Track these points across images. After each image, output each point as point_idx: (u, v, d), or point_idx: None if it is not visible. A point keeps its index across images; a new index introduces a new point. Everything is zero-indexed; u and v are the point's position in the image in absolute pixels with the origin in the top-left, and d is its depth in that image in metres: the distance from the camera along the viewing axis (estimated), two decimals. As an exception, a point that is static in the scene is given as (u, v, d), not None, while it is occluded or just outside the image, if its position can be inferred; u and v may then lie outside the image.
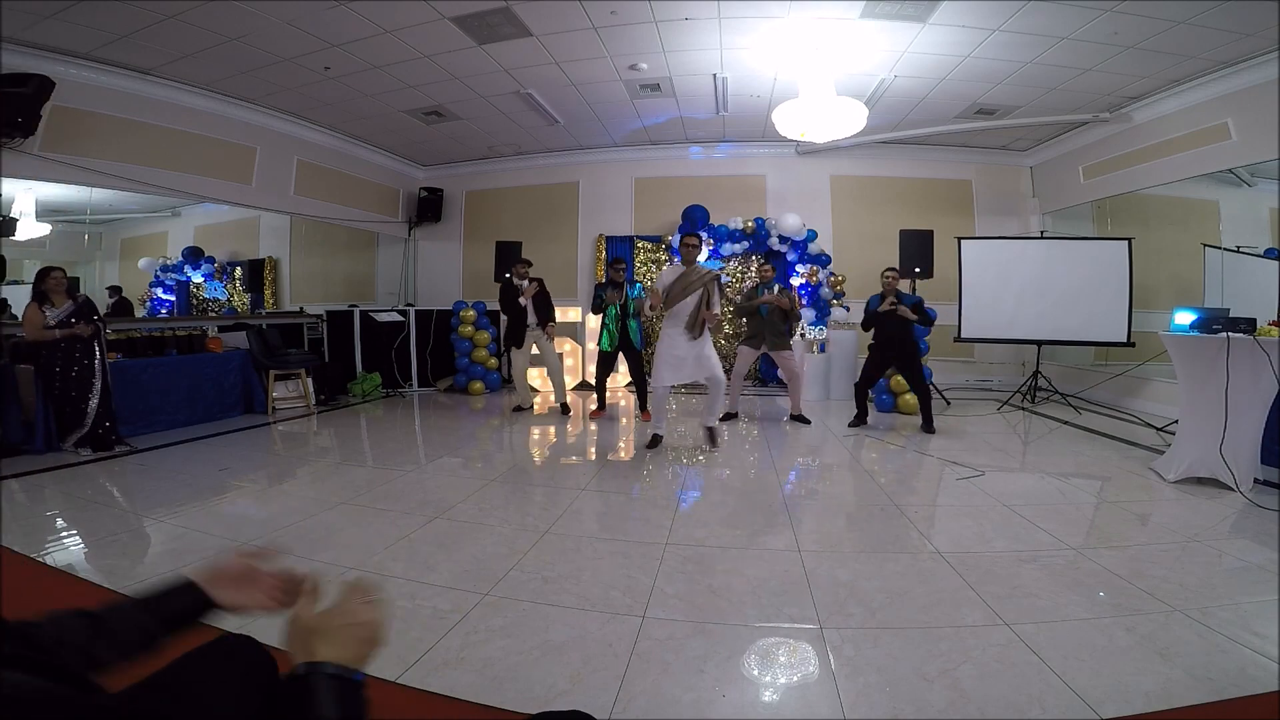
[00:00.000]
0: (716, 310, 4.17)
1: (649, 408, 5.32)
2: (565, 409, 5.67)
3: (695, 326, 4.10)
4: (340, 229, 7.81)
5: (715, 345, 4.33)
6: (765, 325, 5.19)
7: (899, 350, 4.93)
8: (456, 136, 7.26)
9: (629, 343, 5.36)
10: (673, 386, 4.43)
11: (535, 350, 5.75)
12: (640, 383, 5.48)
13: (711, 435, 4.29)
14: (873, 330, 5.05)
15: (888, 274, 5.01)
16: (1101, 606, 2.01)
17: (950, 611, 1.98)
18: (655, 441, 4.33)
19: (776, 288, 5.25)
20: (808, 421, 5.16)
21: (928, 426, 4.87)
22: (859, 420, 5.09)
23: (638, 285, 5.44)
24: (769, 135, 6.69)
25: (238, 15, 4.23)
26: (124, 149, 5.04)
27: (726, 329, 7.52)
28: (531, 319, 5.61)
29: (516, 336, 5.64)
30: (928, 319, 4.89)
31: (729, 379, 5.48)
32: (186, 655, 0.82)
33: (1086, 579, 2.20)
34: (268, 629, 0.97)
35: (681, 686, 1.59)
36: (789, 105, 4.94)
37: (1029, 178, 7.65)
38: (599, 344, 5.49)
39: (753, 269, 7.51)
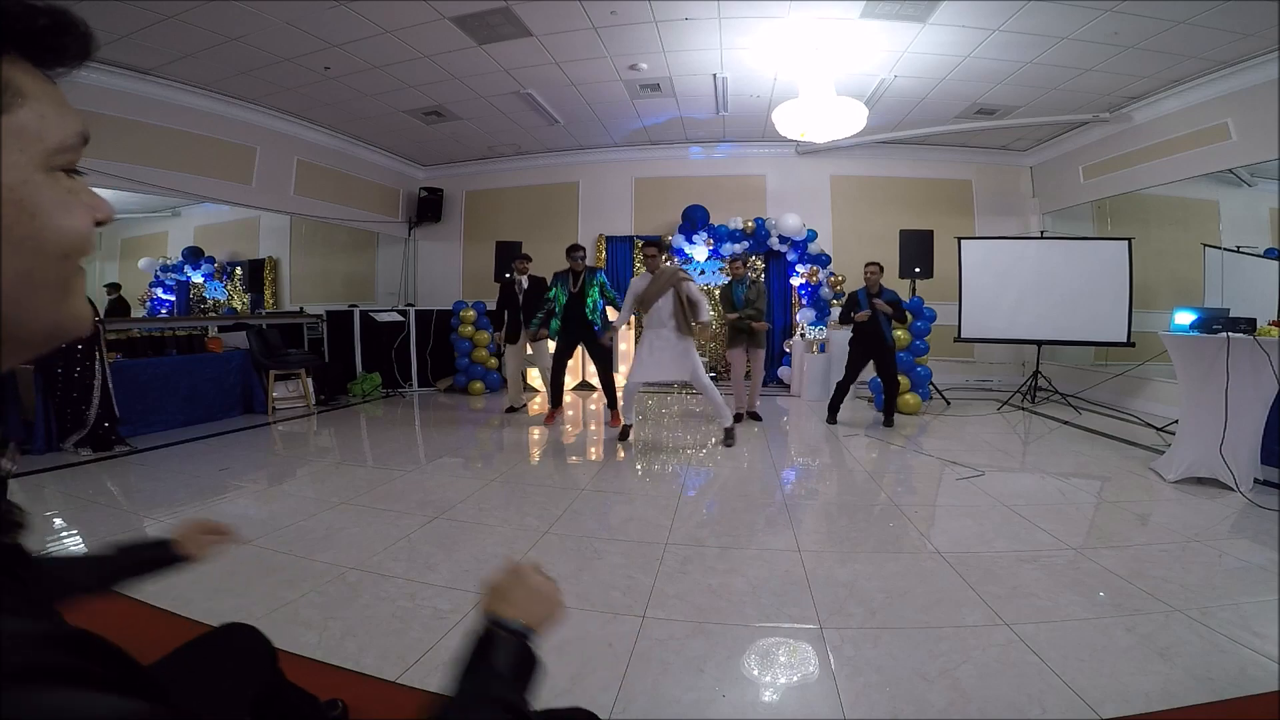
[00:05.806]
0: (703, 317, 4.30)
1: (618, 408, 4.95)
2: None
3: (683, 326, 4.25)
4: (340, 229, 7.81)
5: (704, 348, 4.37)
6: (745, 332, 5.25)
7: (874, 345, 4.99)
8: (456, 136, 7.26)
9: (588, 331, 4.86)
10: (646, 384, 4.50)
11: (530, 350, 5.64)
12: (608, 386, 5.12)
13: (729, 435, 4.40)
14: (851, 327, 5.09)
15: (869, 268, 5.03)
16: (1101, 606, 2.01)
17: (950, 611, 1.98)
18: (625, 433, 4.46)
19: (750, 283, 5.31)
20: (759, 418, 5.31)
21: (888, 420, 5.00)
22: (831, 417, 5.20)
23: (600, 272, 5.03)
24: (769, 135, 6.69)
25: (238, 15, 4.23)
26: (124, 149, 5.03)
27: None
28: None
29: (513, 334, 5.58)
30: (903, 313, 4.98)
31: (731, 383, 5.50)
32: (191, 641, 0.86)
33: (1086, 579, 2.20)
34: (268, 620, 0.97)
35: (681, 686, 1.59)
36: (789, 105, 4.94)
37: (1029, 178, 7.65)
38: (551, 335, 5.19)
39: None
